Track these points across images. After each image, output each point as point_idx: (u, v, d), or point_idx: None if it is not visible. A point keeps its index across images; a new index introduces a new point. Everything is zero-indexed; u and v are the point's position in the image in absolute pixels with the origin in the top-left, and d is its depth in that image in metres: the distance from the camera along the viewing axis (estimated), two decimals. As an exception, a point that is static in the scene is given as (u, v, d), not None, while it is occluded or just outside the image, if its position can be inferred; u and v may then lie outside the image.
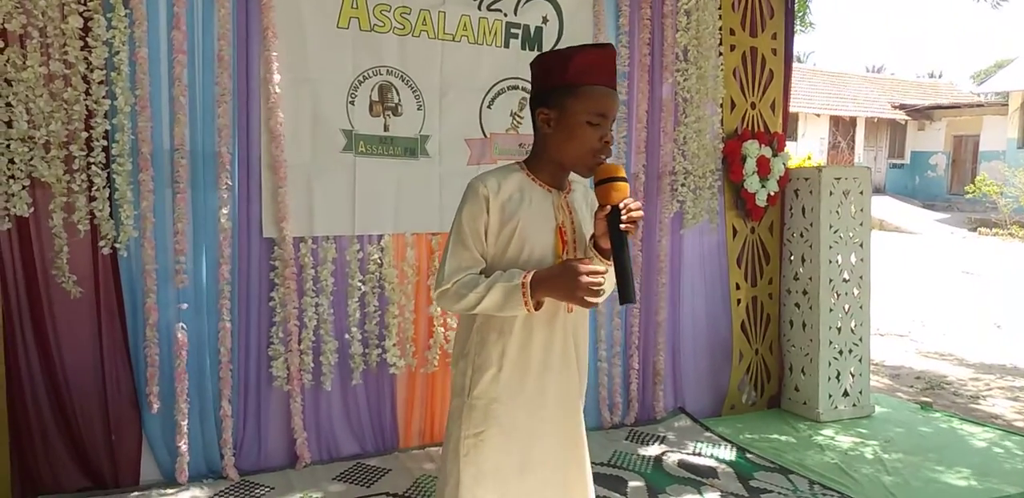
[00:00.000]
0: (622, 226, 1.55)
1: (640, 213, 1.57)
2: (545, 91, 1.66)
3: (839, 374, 3.69)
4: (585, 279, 1.52)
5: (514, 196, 1.63)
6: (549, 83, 1.65)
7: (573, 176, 1.72)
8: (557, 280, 1.55)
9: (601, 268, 1.57)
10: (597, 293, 1.55)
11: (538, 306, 1.59)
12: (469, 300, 1.58)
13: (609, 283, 1.60)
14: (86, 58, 2.44)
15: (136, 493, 2.55)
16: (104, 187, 2.49)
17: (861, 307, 3.77)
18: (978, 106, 21.95)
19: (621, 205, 1.56)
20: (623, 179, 1.58)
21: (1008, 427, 3.85)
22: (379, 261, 2.93)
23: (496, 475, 1.63)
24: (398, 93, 2.94)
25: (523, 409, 1.65)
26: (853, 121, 22.28)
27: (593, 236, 1.65)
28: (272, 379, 2.79)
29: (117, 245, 2.53)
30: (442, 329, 3.05)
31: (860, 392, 3.75)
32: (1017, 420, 4.26)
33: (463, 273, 1.60)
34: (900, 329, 6.81)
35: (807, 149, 18.16)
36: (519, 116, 3.23)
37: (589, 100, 1.60)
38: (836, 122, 21.98)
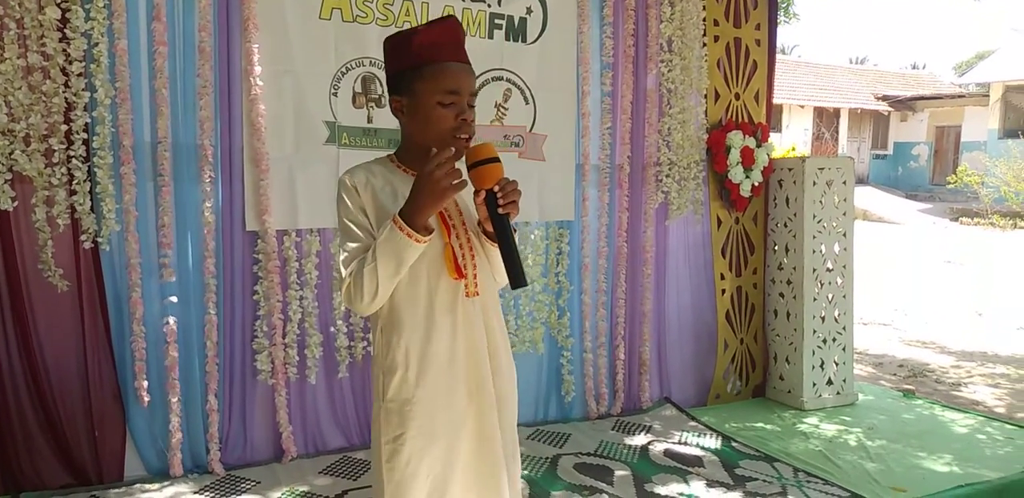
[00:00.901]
0: (500, 210, 1.49)
1: (516, 194, 1.49)
2: (394, 77, 1.59)
3: (823, 363, 3.73)
4: (436, 171, 1.44)
5: (384, 189, 1.57)
6: (396, 68, 1.59)
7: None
8: (416, 193, 1.47)
9: (448, 152, 1.47)
10: (456, 175, 1.45)
11: (426, 232, 1.49)
12: (366, 277, 1.48)
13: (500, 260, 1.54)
14: (64, 50, 2.41)
15: (121, 489, 2.53)
16: (85, 181, 2.47)
17: (844, 296, 3.80)
18: (960, 97, 22.14)
19: (496, 188, 1.49)
20: (495, 159, 1.50)
21: (989, 413, 3.90)
22: (364, 254, 2.91)
23: (419, 477, 1.58)
24: (381, 84, 2.93)
25: (438, 406, 1.58)
26: (837, 112, 22.41)
27: (479, 221, 1.59)
28: (257, 373, 2.78)
29: (99, 239, 2.51)
30: (428, 321, 3.04)
31: (844, 380, 3.79)
32: (998, 406, 4.32)
33: (355, 262, 1.52)
34: (883, 318, 6.88)
35: (791, 140, 18.25)
36: (503, 107, 3.22)
37: (435, 79, 1.52)
38: (820, 113, 22.09)
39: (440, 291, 1.57)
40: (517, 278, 1.50)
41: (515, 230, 1.57)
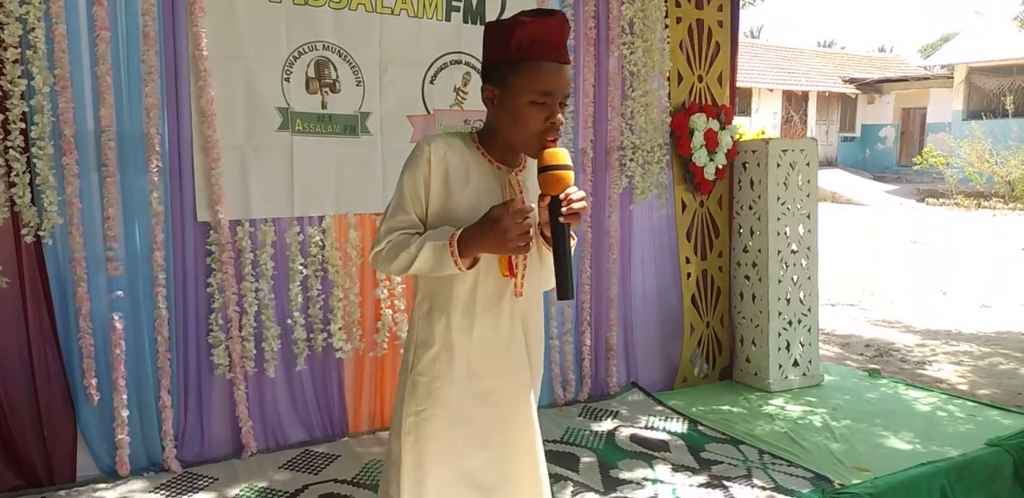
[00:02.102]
0: (561, 218, 1.48)
1: (581, 205, 1.49)
2: (491, 66, 1.58)
3: (789, 344, 3.74)
4: (513, 225, 1.45)
5: (459, 169, 1.57)
6: (493, 57, 1.58)
7: None
8: (483, 232, 1.48)
9: (529, 207, 1.50)
10: (526, 238, 1.48)
11: (472, 264, 1.53)
12: (401, 260, 1.52)
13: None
14: (-3, 35, 2.30)
15: (72, 489, 2.46)
16: (24, 172, 2.37)
17: (809, 278, 3.81)
18: (925, 79, 22.41)
19: (562, 196, 1.49)
20: (566, 167, 1.50)
21: (952, 391, 3.95)
22: (321, 243, 2.85)
23: (438, 455, 1.59)
24: (336, 69, 2.85)
25: (467, 391, 1.60)
26: (805, 95, 22.57)
27: (539, 223, 1.57)
28: (213, 367, 2.71)
29: (41, 233, 2.41)
30: (390, 311, 2.99)
31: (810, 362, 3.81)
32: (960, 384, 4.39)
33: (396, 233, 1.55)
34: (851, 298, 6.95)
35: (761, 124, 18.37)
36: (463, 92, 3.16)
37: (532, 78, 1.51)
38: (789, 97, 22.24)
39: (487, 284, 1.58)
40: (566, 289, 1.49)
41: (574, 239, 1.57)
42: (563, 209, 1.48)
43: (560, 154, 1.51)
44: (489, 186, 1.59)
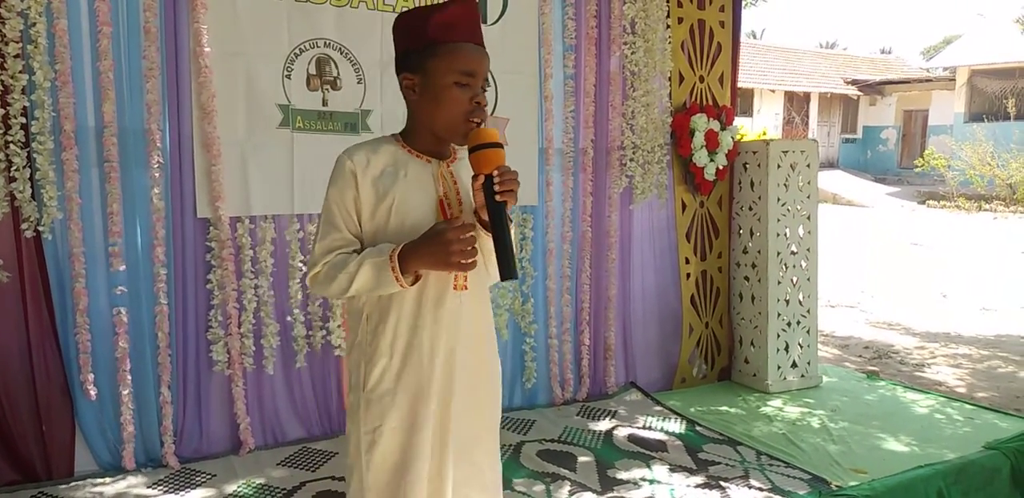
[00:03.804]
0: (497, 197, 1.45)
1: (514, 182, 1.46)
2: (406, 54, 1.55)
3: (787, 346, 3.74)
4: (455, 242, 1.42)
5: (387, 170, 1.52)
6: (408, 45, 1.54)
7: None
8: (425, 248, 1.45)
9: (471, 227, 1.47)
10: (471, 254, 1.45)
11: (415, 280, 1.49)
12: (340, 282, 1.48)
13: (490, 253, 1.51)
14: (-1, 30, 2.30)
15: (70, 484, 2.46)
16: (24, 167, 2.37)
17: (809, 279, 3.81)
18: (927, 81, 22.39)
19: (495, 174, 1.45)
20: (497, 145, 1.47)
21: (950, 393, 3.95)
22: (321, 240, 2.85)
23: (398, 470, 1.55)
24: (336, 66, 2.85)
25: (418, 398, 1.54)
26: (807, 96, 22.55)
27: (476, 209, 1.54)
28: (212, 363, 2.71)
29: (41, 228, 2.42)
30: (389, 309, 2.99)
31: (808, 363, 3.81)
32: (959, 387, 4.38)
33: (333, 254, 1.50)
34: (850, 300, 6.95)
35: (762, 125, 18.34)
36: (464, 90, 3.15)
37: (453, 58, 1.49)
38: (790, 98, 22.22)
39: (430, 283, 1.54)
40: (508, 269, 1.46)
41: (511, 220, 1.54)
42: (496, 187, 1.45)
43: (488, 132, 1.49)
44: (422, 181, 1.55)
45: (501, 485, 1.71)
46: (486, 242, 1.53)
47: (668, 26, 3.53)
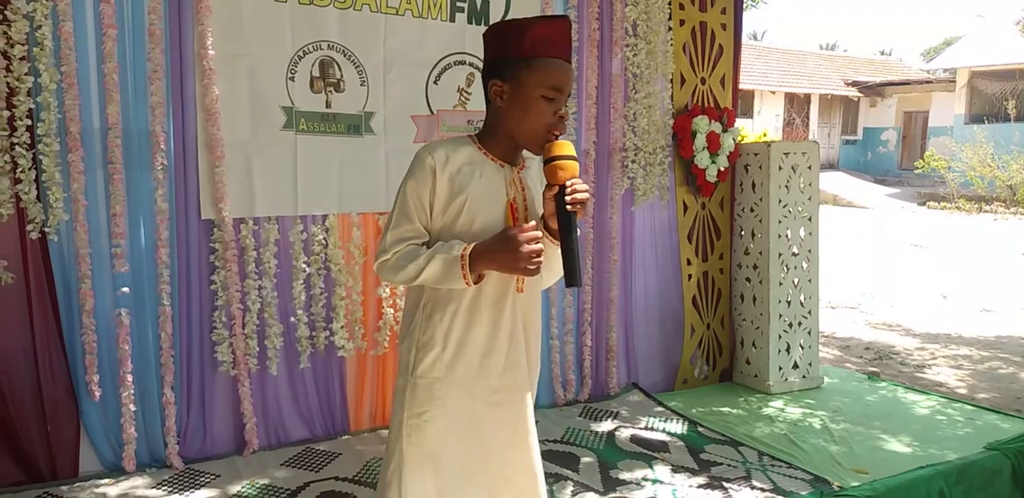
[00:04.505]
0: (568, 207, 1.52)
1: (585, 194, 1.53)
2: (499, 62, 1.61)
3: (789, 347, 3.75)
4: (525, 248, 1.49)
5: (464, 169, 1.59)
6: (503, 54, 1.61)
7: (528, 152, 1.67)
8: (496, 251, 1.51)
9: (539, 232, 1.53)
10: (538, 261, 1.51)
11: (479, 279, 1.55)
12: (408, 271, 1.55)
13: (557, 261, 1.57)
14: (5, 33, 2.31)
15: (75, 484, 2.47)
16: (30, 169, 2.38)
17: (810, 280, 3.82)
18: (927, 83, 22.42)
19: (567, 185, 1.51)
20: (572, 157, 1.54)
21: (951, 394, 3.96)
22: (324, 242, 2.87)
23: (438, 457, 1.60)
24: (340, 69, 2.86)
25: (467, 391, 1.61)
26: (807, 98, 22.57)
27: (543, 217, 1.60)
28: (217, 364, 2.72)
29: (46, 229, 2.42)
30: (391, 310, 3.00)
31: (809, 364, 3.82)
32: (959, 387, 4.39)
33: (404, 244, 1.57)
34: (851, 301, 6.96)
35: (763, 126, 18.36)
36: (467, 92, 3.17)
37: (544, 73, 1.56)
38: (791, 99, 22.24)
39: (491, 282, 1.59)
40: (574, 276, 1.52)
41: (579, 230, 1.59)
42: (567, 197, 1.51)
43: (565, 145, 1.55)
44: (494, 183, 1.62)
45: (542, 481, 1.72)
46: (549, 249, 1.60)
47: (670, 28, 3.54)
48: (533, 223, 1.57)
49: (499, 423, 1.65)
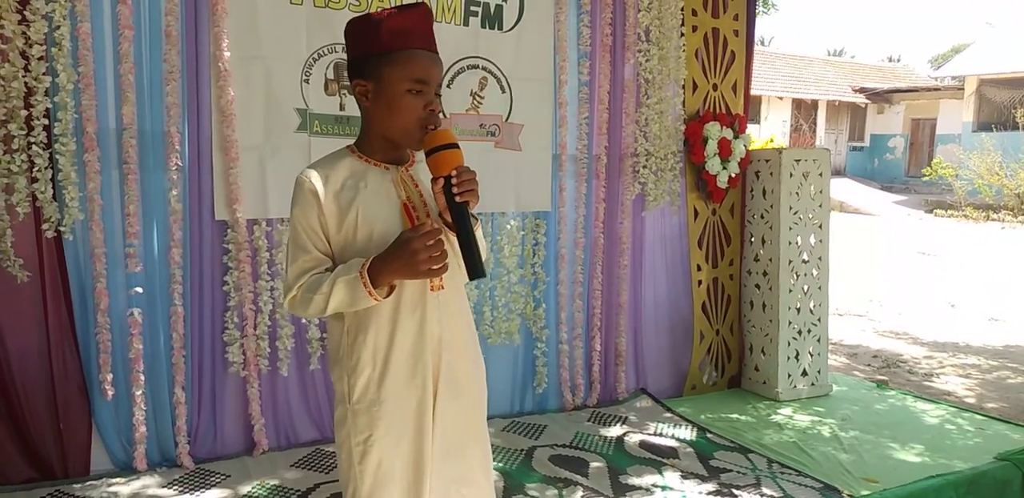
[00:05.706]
0: (457, 198, 1.45)
1: (473, 182, 1.45)
2: (360, 60, 1.53)
3: (798, 354, 3.74)
4: (421, 250, 1.41)
5: (347, 183, 1.52)
6: (362, 51, 1.53)
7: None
8: (393, 259, 1.44)
9: (435, 230, 1.45)
10: (439, 259, 1.44)
11: (391, 291, 1.49)
12: (317, 302, 1.47)
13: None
14: (24, 33, 2.33)
15: (86, 483, 2.48)
16: (46, 168, 2.39)
17: (820, 288, 3.81)
18: (935, 90, 22.35)
19: (453, 174, 1.45)
20: (453, 145, 1.47)
21: (959, 404, 3.94)
22: (336, 244, 2.87)
23: (392, 477, 1.55)
24: (354, 71, 2.87)
25: (404, 403, 1.55)
26: (815, 104, 22.54)
27: (440, 210, 1.53)
28: (228, 365, 2.73)
29: (62, 228, 2.44)
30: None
31: (818, 371, 3.81)
32: (968, 397, 4.38)
33: (307, 276, 1.49)
34: (858, 309, 6.94)
35: (770, 132, 18.37)
36: (479, 96, 3.17)
37: (406, 66, 1.48)
38: (798, 105, 22.21)
39: (405, 289, 1.53)
40: (475, 269, 1.47)
41: (476, 219, 1.54)
42: (455, 188, 1.45)
43: (443, 134, 1.48)
44: (383, 189, 1.55)
45: (492, 482, 1.71)
46: (456, 243, 1.53)
47: (682, 34, 3.55)
48: (428, 221, 1.50)
49: (447, 430, 1.59)
